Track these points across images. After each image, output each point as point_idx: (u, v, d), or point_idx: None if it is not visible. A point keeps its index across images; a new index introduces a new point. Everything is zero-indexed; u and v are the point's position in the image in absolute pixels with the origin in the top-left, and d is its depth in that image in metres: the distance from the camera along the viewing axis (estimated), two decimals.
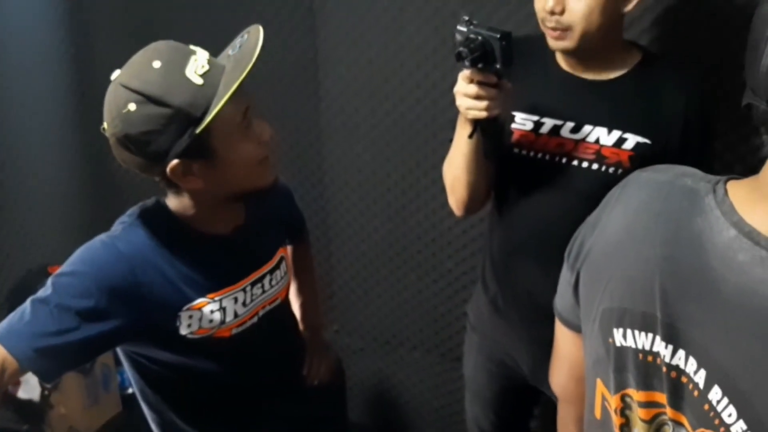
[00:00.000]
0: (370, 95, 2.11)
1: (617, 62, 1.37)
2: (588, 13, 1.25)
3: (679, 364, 0.79)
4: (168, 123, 1.06)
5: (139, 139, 1.07)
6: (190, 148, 1.08)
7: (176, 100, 1.05)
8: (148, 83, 1.06)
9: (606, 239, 0.88)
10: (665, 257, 0.79)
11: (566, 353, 1.06)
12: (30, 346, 1.06)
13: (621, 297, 0.84)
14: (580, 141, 1.37)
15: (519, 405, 1.78)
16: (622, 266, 0.84)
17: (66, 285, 1.11)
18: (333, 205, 2.35)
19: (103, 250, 1.15)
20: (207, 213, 1.21)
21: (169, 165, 1.09)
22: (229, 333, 1.27)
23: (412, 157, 2.12)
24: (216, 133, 1.09)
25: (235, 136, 1.11)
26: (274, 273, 1.36)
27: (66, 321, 1.08)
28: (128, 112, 1.05)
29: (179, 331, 1.20)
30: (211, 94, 1.06)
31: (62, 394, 2.48)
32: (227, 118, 1.08)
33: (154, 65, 1.07)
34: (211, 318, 1.23)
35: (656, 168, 0.91)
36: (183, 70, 1.07)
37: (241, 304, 1.28)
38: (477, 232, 2.08)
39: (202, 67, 1.08)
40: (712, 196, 0.78)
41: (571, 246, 0.97)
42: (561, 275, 1.01)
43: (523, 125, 1.42)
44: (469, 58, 1.21)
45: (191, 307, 1.20)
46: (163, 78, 1.06)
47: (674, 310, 0.78)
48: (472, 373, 1.76)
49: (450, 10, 1.88)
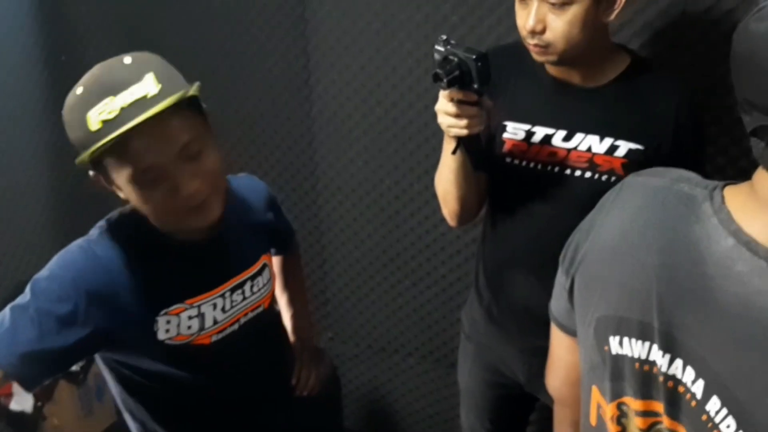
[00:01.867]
0: (362, 101, 2.10)
1: (606, 68, 1.37)
2: (568, 30, 1.25)
3: (676, 373, 0.78)
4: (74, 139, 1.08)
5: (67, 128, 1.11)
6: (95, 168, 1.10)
7: (72, 133, 1.08)
8: (67, 105, 1.09)
9: (601, 245, 0.87)
10: (662, 265, 0.78)
11: (562, 357, 1.05)
12: (12, 352, 1.06)
13: (617, 305, 0.83)
14: (572, 149, 1.37)
15: (514, 413, 1.77)
16: (618, 274, 0.83)
17: (44, 289, 1.11)
18: (326, 212, 2.34)
19: (80, 254, 1.15)
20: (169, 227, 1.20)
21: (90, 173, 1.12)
22: (209, 340, 1.26)
23: (405, 163, 2.11)
24: (111, 171, 1.09)
25: (132, 182, 1.08)
26: (255, 279, 1.34)
27: (46, 325, 1.08)
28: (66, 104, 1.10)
29: (157, 336, 1.20)
30: (97, 138, 1.03)
31: (56, 405, 2.46)
32: (124, 162, 1.06)
33: (77, 91, 1.08)
34: (189, 324, 1.22)
35: (652, 171, 0.90)
36: (87, 110, 1.05)
37: (220, 310, 1.27)
38: (470, 238, 2.08)
39: (109, 112, 1.03)
40: (709, 203, 0.77)
41: (565, 250, 0.96)
42: (556, 279, 1.00)
43: (515, 135, 1.42)
44: (445, 80, 1.22)
45: (168, 312, 1.20)
46: (73, 107, 1.07)
47: (671, 319, 0.78)
48: (467, 381, 1.75)
49: (441, 15, 1.87)
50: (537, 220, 1.44)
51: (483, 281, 1.61)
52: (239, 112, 2.35)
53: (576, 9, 1.23)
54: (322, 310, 2.47)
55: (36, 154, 2.54)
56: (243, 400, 1.36)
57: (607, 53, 1.37)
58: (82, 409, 2.52)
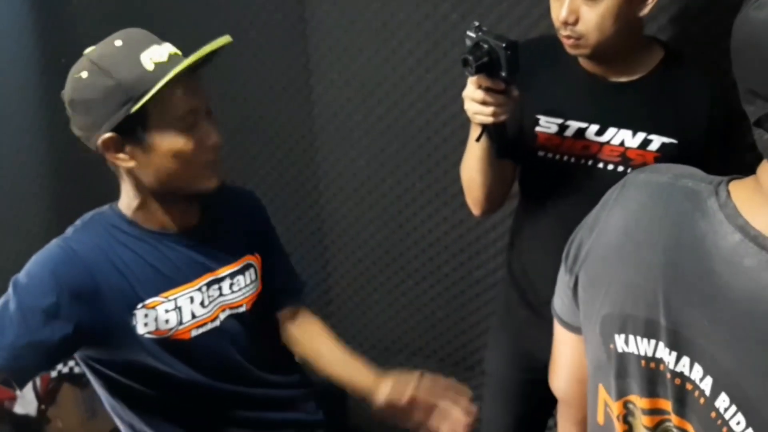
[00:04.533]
0: (362, 100, 2.10)
1: (639, 62, 1.37)
2: (601, 22, 1.25)
3: (684, 371, 0.78)
4: (109, 95, 1.11)
5: (82, 105, 1.13)
6: (124, 126, 1.12)
7: (121, 75, 1.10)
8: (103, 56, 1.13)
9: (605, 242, 0.86)
10: (668, 262, 0.78)
11: (566, 355, 1.04)
12: (2, 348, 1.07)
13: (622, 303, 0.83)
14: (605, 143, 1.38)
15: (540, 400, 1.76)
16: (623, 271, 0.83)
17: (25, 286, 1.13)
18: (328, 212, 2.33)
19: (57, 250, 1.18)
20: (151, 206, 1.23)
21: (101, 136, 1.13)
22: (189, 335, 1.26)
23: (407, 162, 2.10)
24: (153, 119, 1.13)
25: (172, 128, 1.14)
26: (236, 277, 1.33)
27: (32, 319, 1.10)
28: (79, 78, 1.13)
29: (136, 330, 1.20)
30: (155, 80, 1.10)
31: (59, 408, 2.46)
32: (168, 108, 1.13)
33: (116, 43, 1.14)
34: (167, 318, 1.23)
35: (654, 168, 0.89)
36: (139, 53, 1.12)
37: (198, 304, 1.27)
38: (473, 237, 2.07)
39: (159, 56, 1.13)
40: (714, 198, 0.76)
41: (568, 248, 0.95)
42: (558, 277, 0.99)
43: (548, 128, 1.42)
44: (474, 65, 1.22)
45: (146, 305, 1.21)
46: (117, 54, 1.12)
47: (678, 316, 0.77)
48: (496, 369, 1.74)
49: (441, 14, 1.87)
50: (569, 212, 1.43)
51: (516, 268, 1.61)
52: (240, 113, 2.34)
53: (609, 1, 1.23)
54: (325, 309, 2.47)
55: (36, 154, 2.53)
56: (224, 396, 1.34)
57: (640, 47, 1.37)
58: (85, 411, 2.52)
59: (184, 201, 1.27)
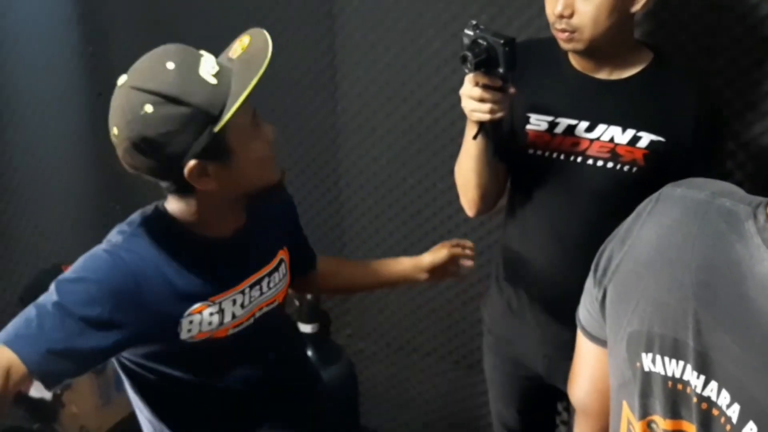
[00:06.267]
0: (387, 98, 2.09)
1: (629, 62, 1.39)
2: (596, 15, 1.27)
3: (711, 396, 0.76)
4: (187, 122, 1.06)
5: (157, 141, 1.06)
6: (207, 148, 1.08)
7: (194, 99, 1.06)
8: (165, 83, 1.06)
9: (636, 257, 0.85)
10: (701, 283, 0.76)
11: (589, 367, 1.03)
12: (37, 351, 1.07)
13: (651, 321, 0.81)
14: (594, 140, 1.38)
15: (540, 403, 1.77)
16: (653, 289, 0.81)
17: (71, 292, 1.12)
18: (348, 208, 2.33)
19: (106, 258, 1.15)
20: (211, 216, 1.21)
21: (187, 166, 1.09)
22: (226, 333, 1.27)
23: (429, 162, 2.09)
24: (231, 132, 1.10)
25: (248, 134, 1.14)
26: (272, 275, 1.34)
27: (71, 327, 1.09)
28: (146, 114, 1.05)
29: (180, 337, 1.20)
30: (225, 93, 1.08)
31: (74, 394, 2.48)
32: (241, 119, 1.10)
33: (168, 66, 1.07)
34: (210, 321, 1.23)
35: (692, 183, 0.87)
36: (197, 70, 1.08)
37: (239, 306, 1.27)
38: (493, 239, 2.05)
39: (213, 68, 1.09)
40: (752, 221, 0.74)
41: (597, 259, 0.94)
42: (585, 288, 0.98)
43: (538, 126, 1.43)
44: (472, 62, 1.24)
45: (192, 311, 1.21)
46: (179, 78, 1.07)
47: (708, 339, 0.75)
48: (491, 373, 1.77)
49: (469, 14, 1.85)
50: (558, 210, 1.46)
51: (503, 273, 1.62)
52: (264, 107, 2.32)
53: None
54: (341, 306, 2.47)
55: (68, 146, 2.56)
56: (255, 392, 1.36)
57: (630, 48, 1.40)
58: (100, 398, 2.54)
59: (240, 204, 1.25)
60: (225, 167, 1.12)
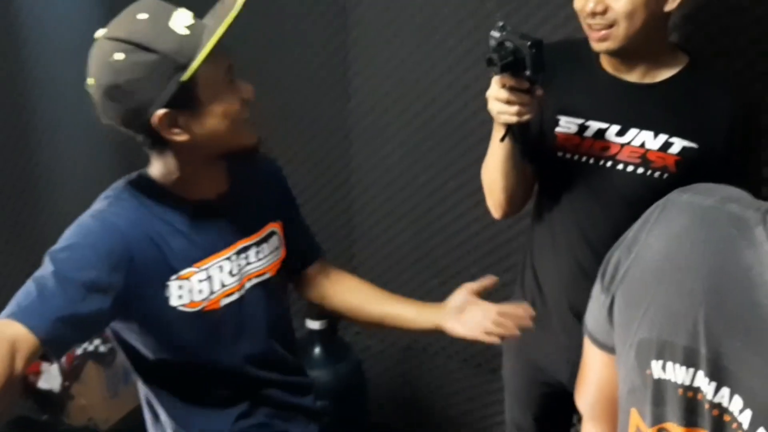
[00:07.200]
0: (400, 96, 2.08)
1: (663, 65, 1.36)
2: (631, 10, 1.24)
3: (722, 402, 0.75)
4: (154, 70, 1.09)
5: (126, 88, 1.10)
6: (175, 98, 1.10)
7: (162, 47, 1.08)
8: (135, 32, 1.09)
9: (644, 264, 0.84)
10: (711, 290, 0.75)
11: (596, 373, 1.02)
12: (44, 320, 1.07)
13: (661, 328, 0.80)
14: (625, 145, 1.36)
15: (558, 409, 1.75)
16: (663, 296, 0.80)
17: (65, 259, 1.13)
18: (359, 206, 2.32)
19: (94, 222, 1.17)
20: (191, 175, 1.22)
21: (155, 114, 1.11)
22: (218, 305, 1.26)
23: (441, 160, 2.08)
24: (201, 83, 1.12)
25: (219, 88, 1.14)
26: (261, 245, 1.34)
27: (71, 292, 1.10)
28: (115, 61, 1.09)
29: (170, 302, 1.21)
30: (196, 44, 1.09)
31: (83, 386, 2.49)
32: (211, 70, 1.12)
33: (140, 17, 1.11)
34: (200, 288, 1.23)
35: (698, 189, 0.86)
36: (168, 21, 1.11)
37: (227, 273, 1.27)
38: (504, 239, 2.04)
39: (187, 21, 1.12)
40: (762, 227, 0.73)
41: (605, 266, 0.92)
42: (592, 295, 0.97)
43: (568, 128, 1.41)
44: (499, 65, 1.23)
45: (180, 276, 1.21)
46: (150, 27, 1.10)
47: (719, 346, 0.74)
48: (510, 376, 1.74)
49: (484, 13, 1.84)
50: (587, 214, 1.43)
51: (530, 275, 1.60)
52: (276, 101, 2.33)
53: None
54: None
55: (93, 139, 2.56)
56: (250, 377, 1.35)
57: (664, 50, 1.36)
58: (108, 390, 2.55)
59: (220, 166, 1.27)
60: (194, 119, 1.14)
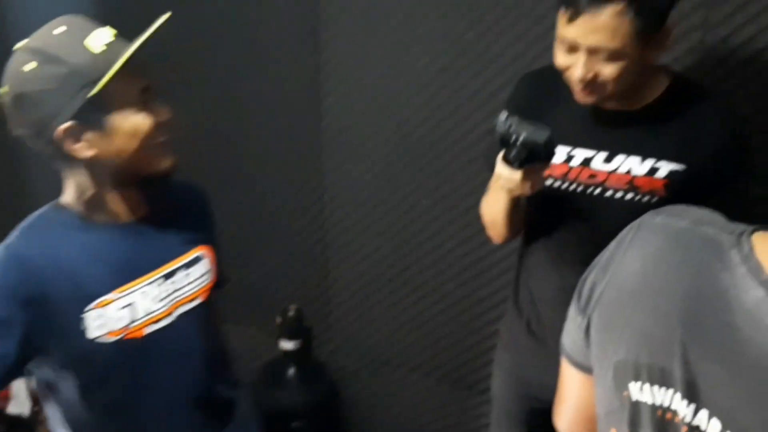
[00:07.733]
0: (373, 115, 2.09)
1: (646, 90, 1.36)
2: (621, 76, 1.25)
3: (700, 424, 0.76)
4: (63, 83, 1.09)
5: (34, 99, 1.10)
6: (82, 112, 1.10)
7: (73, 60, 1.09)
8: (50, 45, 1.11)
9: (619, 286, 0.84)
10: (687, 312, 0.76)
11: (574, 394, 1.02)
12: None
13: (637, 350, 0.81)
14: (611, 172, 1.37)
15: (547, 427, 1.75)
16: (639, 318, 0.81)
17: None
18: (331, 223, 2.32)
19: (2, 257, 1.14)
20: (107, 196, 1.20)
21: (59, 128, 1.10)
22: (142, 333, 1.22)
23: (415, 179, 2.09)
24: (110, 100, 1.12)
25: (130, 107, 1.14)
26: (189, 269, 1.31)
27: None
28: (25, 71, 1.10)
29: (87, 334, 1.16)
30: (111, 61, 1.09)
31: None
32: (123, 88, 1.12)
33: (57, 31, 1.12)
34: (120, 316, 1.19)
35: (671, 211, 0.87)
36: (83, 37, 1.11)
37: (151, 300, 1.23)
38: (476, 257, 2.06)
39: (105, 38, 1.12)
40: (736, 250, 0.74)
41: (581, 287, 0.93)
42: (569, 316, 0.97)
43: (555, 157, 1.40)
44: (517, 162, 1.28)
45: (97, 304, 1.17)
46: (64, 41, 1.11)
47: (696, 368, 0.75)
48: (500, 391, 1.74)
49: (457, 32, 1.85)
50: (576, 241, 1.44)
51: (523, 295, 1.60)
52: (248, 121, 2.33)
53: (627, 59, 1.23)
54: (324, 321, 2.45)
55: None
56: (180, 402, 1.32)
57: (647, 78, 1.36)
58: None
59: (136, 189, 1.24)
60: (101, 136, 1.13)
